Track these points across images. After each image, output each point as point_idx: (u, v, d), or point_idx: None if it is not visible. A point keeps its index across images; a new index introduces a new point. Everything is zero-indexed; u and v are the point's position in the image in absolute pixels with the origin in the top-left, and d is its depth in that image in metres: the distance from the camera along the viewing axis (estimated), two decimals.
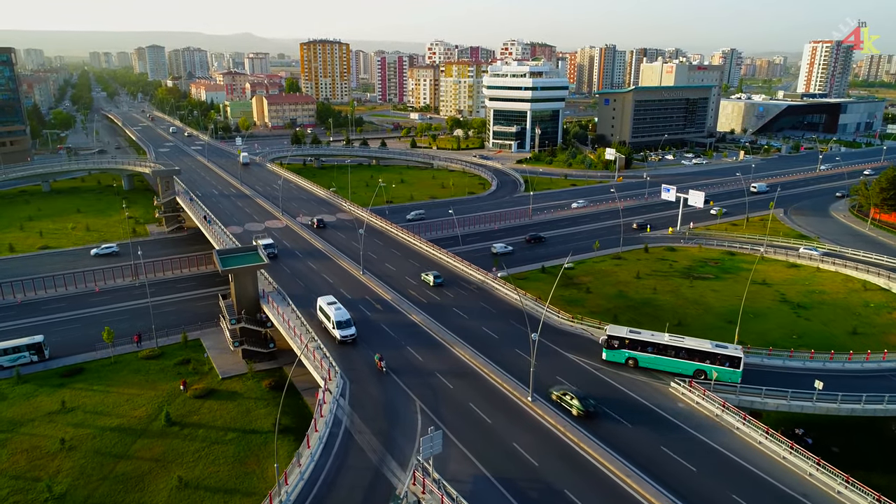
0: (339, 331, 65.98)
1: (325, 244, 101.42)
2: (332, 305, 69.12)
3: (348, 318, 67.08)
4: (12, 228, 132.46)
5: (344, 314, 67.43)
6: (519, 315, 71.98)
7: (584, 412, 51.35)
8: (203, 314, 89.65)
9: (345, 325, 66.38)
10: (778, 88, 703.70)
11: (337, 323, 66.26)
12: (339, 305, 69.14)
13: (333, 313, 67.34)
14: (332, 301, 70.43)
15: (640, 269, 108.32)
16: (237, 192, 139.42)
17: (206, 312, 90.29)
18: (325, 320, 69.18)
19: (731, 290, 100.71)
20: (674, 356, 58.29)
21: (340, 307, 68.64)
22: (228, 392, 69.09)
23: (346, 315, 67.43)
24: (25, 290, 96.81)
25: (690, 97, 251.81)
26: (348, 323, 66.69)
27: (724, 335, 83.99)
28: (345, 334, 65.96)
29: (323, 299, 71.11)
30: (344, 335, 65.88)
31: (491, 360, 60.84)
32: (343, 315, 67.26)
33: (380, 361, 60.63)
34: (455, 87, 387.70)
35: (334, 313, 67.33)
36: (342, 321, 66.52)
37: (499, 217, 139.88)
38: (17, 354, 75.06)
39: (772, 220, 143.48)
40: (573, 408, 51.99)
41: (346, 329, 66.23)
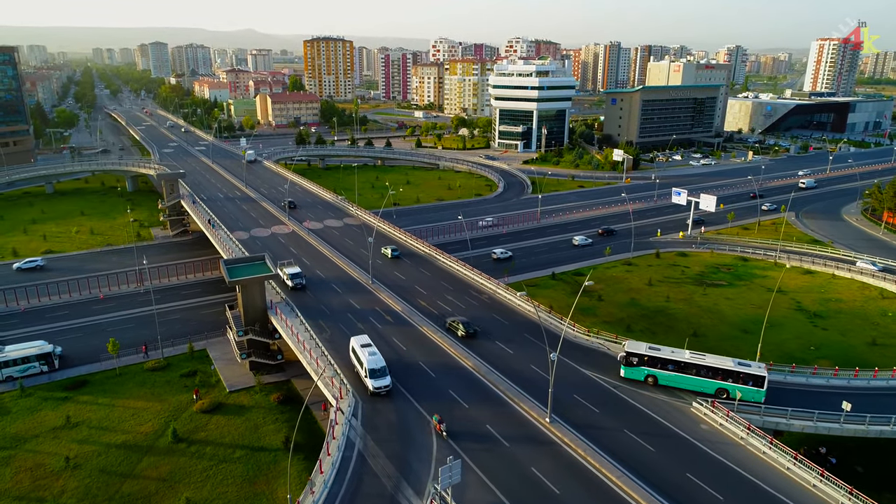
0: (372, 380, 56.66)
1: (330, 248, 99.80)
2: (366, 349, 59.75)
3: (383, 365, 57.55)
4: (16, 232, 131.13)
5: (378, 360, 57.85)
6: (532, 327, 70.38)
7: (466, 333, 67.10)
8: (209, 323, 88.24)
9: (379, 374, 57.00)
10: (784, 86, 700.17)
11: (370, 371, 56.99)
12: (373, 349, 59.81)
13: (366, 359, 58.08)
14: (367, 343, 61.31)
15: (652, 276, 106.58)
16: (242, 195, 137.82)
17: (212, 321, 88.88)
18: (356, 364, 60.48)
19: (745, 297, 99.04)
20: (695, 374, 56.59)
21: (375, 352, 59.24)
22: (236, 406, 67.63)
23: (381, 362, 57.81)
24: (29, 297, 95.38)
25: (698, 97, 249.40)
26: (383, 372, 57.21)
27: (741, 345, 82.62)
28: (378, 385, 56.53)
29: (357, 340, 62.05)
30: (377, 386, 56.50)
31: (506, 377, 59.18)
32: (377, 362, 57.70)
33: (439, 424, 51.29)
34: (459, 85, 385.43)
35: (367, 359, 58.04)
36: (376, 369, 57.06)
37: (507, 220, 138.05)
38: (27, 365, 73.73)
39: (783, 223, 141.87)
40: (458, 330, 67.90)
41: (379, 378, 56.83)
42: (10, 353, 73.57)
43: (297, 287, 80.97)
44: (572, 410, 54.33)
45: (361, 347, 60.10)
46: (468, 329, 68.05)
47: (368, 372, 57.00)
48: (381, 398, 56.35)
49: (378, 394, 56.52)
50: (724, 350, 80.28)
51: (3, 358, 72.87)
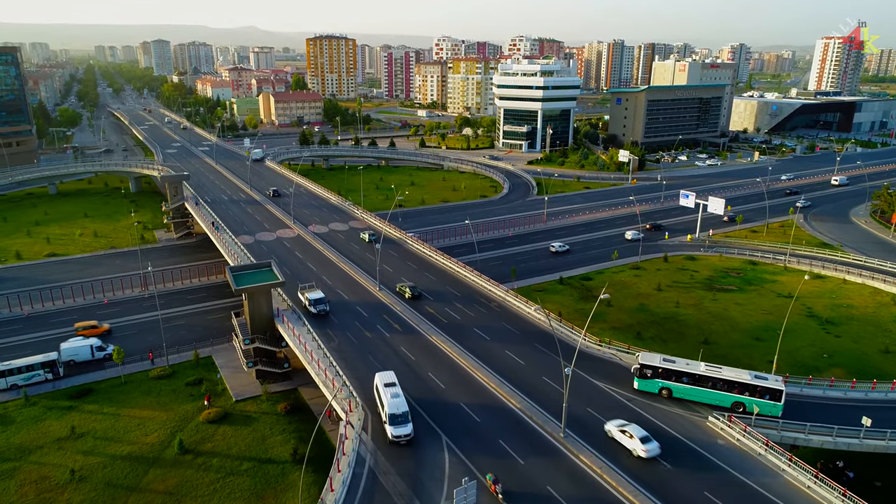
0: (392, 427, 50.75)
1: (336, 253, 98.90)
2: (389, 389, 53.86)
3: (405, 410, 51.48)
4: (19, 234, 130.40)
5: (400, 404, 51.86)
6: (543, 336, 69.39)
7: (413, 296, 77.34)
8: (214, 329, 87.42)
9: (400, 421, 50.84)
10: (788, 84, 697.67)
11: (390, 416, 51.15)
12: (397, 390, 53.81)
13: (388, 401, 52.17)
14: (391, 382, 55.02)
15: (661, 281, 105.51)
16: (247, 197, 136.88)
17: (217, 327, 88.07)
18: (378, 403, 55.02)
19: (755, 303, 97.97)
20: (710, 387, 55.56)
21: (399, 393, 53.27)
22: (243, 416, 66.76)
23: (404, 405, 51.82)
24: (33, 302, 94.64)
25: (704, 96, 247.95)
26: (405, 418, 51.04)
27: (753, 354, 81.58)
28: (398, 433, 50.40)
29: (381, 378, 55.93)
30: (397, 434, 50.39)
31: (518, 389, 58.19)
32: (399, 405, 51.66)
33: (494, 485, 45.02)
34: (463, 83, 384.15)
35: (388, 401, 52.11)
36: (397, 414, 51.07)
37: (513, 222, 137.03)
38: (32, 373, 72.96)
39: (790, 225, 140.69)
40: (406, 293, 78.65)
41: (400, 426, 50.67)
42: (14, 361, 72.87)
43: (321, 314, 74.17)
44: (586, 424, 53.34)
45: (385, 387, 54.23)
46: (414, 292, 79.50)
47: (388, 417, 51.33)
48: None
49: (397, 443, 50.60)
50: (736, 358, 79.39)
51: (8, 366, 72.14)
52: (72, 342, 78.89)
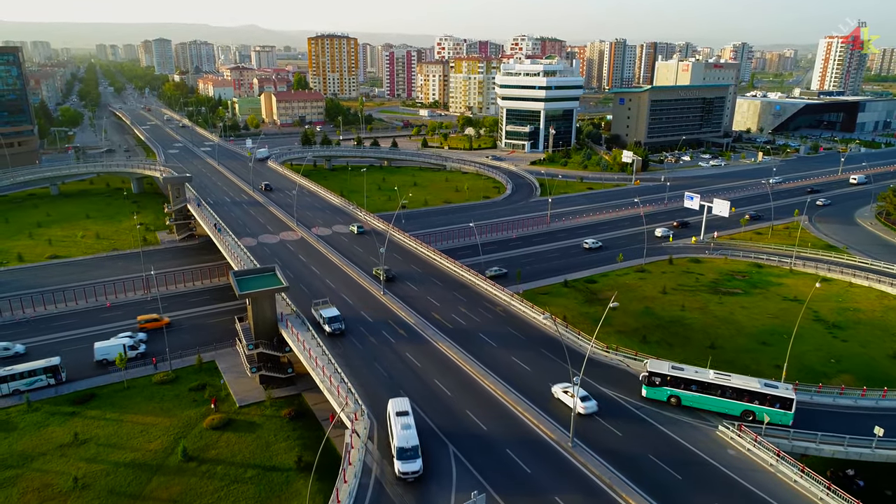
0: (400, 462, 47.26)
1: (340, 257, 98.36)
2: (401, 418, 50.71)
3: (416, 444, 48.02)
4: (21, 236, 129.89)
5: (411, 437, 48.46)
6: (549, 342, 68.81)
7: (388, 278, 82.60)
8: (217, 332, 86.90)
9: (408, 456, 47.31)
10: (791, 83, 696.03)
11: (399, 450, 47.81)
12: (409, 420, 50.44)
13: (397, 433, 49.14)
14: (404, 411, 51.84)
15: (666, 284, 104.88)
16: (249, 198, 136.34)
17: (220, 330, 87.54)
18: (388, 433, 51.89)
19: (761, 307, 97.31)
20: (720, 395, 54.96)
21: (410, 424, 49.92)
22: (247, 422, 66.22)
23: (414, 438, 48.43)
24: (35, 305, 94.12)
25: (707, 96, 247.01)
26: (415, 452, 47.56)
27: (760, 358, 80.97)
28: (405, 470, 47.03)
29: (394, 405, 52.84)
30: (404, 471, 47.05)
31: (525, 397, 57.61)
32: (409, 439, 48.25)
33: None
34: (465, 83, 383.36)
35: (398, 433, 49.07)
36: (406, 448, 47.62)
37: (516, 224, 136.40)
38: (34, 378, 72.54)
39: (796, 227, 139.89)
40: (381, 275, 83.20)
41: (408, 462, 47.16)
42: (16, 367, 72.41)
43: (336, 332, 70.19)
44: (594, 434, 52.78)
45: (397, 416, 51.23)
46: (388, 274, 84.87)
47: (396, 451, 47.93)
48: None
49: (404, 479, 47.18)
50: (742, 364, 78.80)
51: (10, 371, 71.73)
52: (106, 341, 79.99)
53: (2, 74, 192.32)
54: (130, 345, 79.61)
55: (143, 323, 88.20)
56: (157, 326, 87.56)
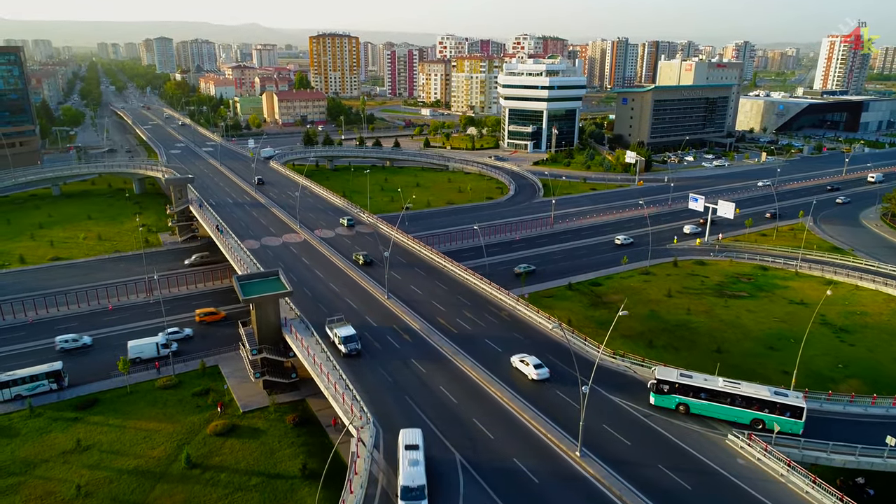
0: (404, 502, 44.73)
1: (343, 259, 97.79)
2: (409, 452, 47.90)
3: (422, 484, 45.10)
4: (23, 237, 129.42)
5: (417, 475, 45.57)
6: (555, 348, 68.24)
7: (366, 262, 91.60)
8: (220, 337, 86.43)
9: (413, 497, 44.52)
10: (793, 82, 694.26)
11: (403, 490, 44.94)
12: (417, 456, 47.55)
13: (403, 470, 46.38)
14: (414, 444, 48.83)
15: (671, 286, 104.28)
16: (252, 200, 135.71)
17: (223, 335, 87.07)
18: (398, 466, 47.98)
19: (767, 310, 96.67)
20: (729, 403, 54.37)
21: (419, 461, 47.02)
22: (251, 429, 65.71)
23: (421, 478, 45.43)
24: (37, 308, 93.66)
25: (710, 96, 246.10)
26: (420, 493, 44.67)
27: (767, 363, 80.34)
28: None
29: (405, 436, 49.87)
30: None
31: (531, 404, 57.02)
32: (415, 477, 45.38)
33: None
34: (467, 82, 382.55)
35: (403, 470, 46.35)
36: (411, 488, 44.84)
37: (519, 226, 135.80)
38: (36, 383, 72.05)
39: (801, 229, 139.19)
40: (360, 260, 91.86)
41: (413, 501, 44.52)
42: (18, 371, 71.97)
43: (352, 353, 66.32)
44: (602, 442, 52.23)
45: (406, 449, 48.41)
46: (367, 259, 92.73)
47: (401, 490, 44.95)
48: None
49: None
50: (749, 368, 78.25)
51: (12, 376, 71.27)
52: (139, 340, 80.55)
53: (3, 74, 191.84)
54: (163, 343, 79.76)
55: (201, 316, 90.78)
56: (216, 320, 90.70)
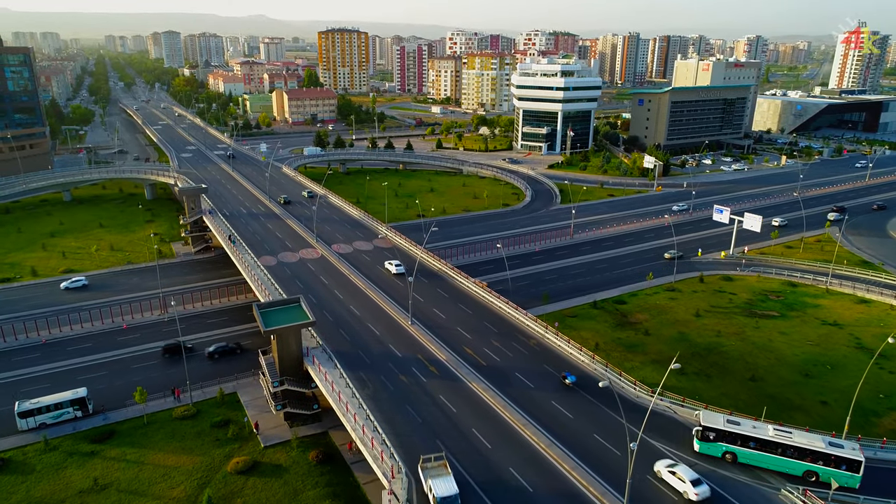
0: None
1: (363, 279, 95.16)
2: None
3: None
4: (34, 247, 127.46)
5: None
6: (590, 382, 65.39)
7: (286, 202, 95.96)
8: (238, 360, 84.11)
9: None
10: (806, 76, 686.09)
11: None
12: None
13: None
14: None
15: (699, 305, 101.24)
16: (266, 210, 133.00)
17: (241, 357, 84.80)
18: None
19: (799, 332, 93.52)
20: (780, 454, 51.52)
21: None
22: (273, 466, 63.34)
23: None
24: (50, 326, 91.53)
25: (728, 97, 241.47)
26: None
27: (804, 392, 77.22)
28: None
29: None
30: None
31: (570, 451, 54.20)
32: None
33: None
34: (477, 79, 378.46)
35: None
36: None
37: (538, 236, 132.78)
38: (61, 411, 70.35)
39: (828, 240, 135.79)
40: None
41: None
42: (43, 399, 70.28)
43: None
44: (650, 496, 49.47)
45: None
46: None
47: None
48: None
49: None
50: (786, 399, 75.35)
51: (36, 404, 69.58)
52: None
53: (13, 76, 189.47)
54: None
55: None
56: None
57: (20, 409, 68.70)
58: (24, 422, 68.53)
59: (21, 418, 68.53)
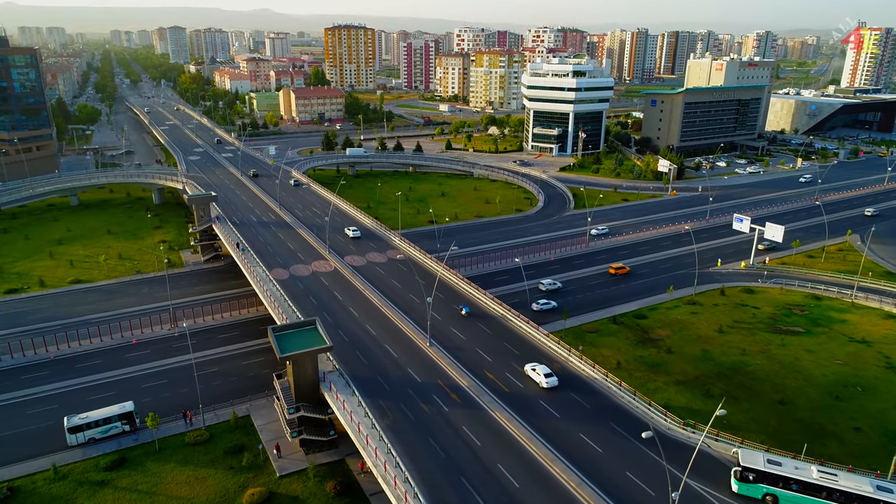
0: None
1: (378, 294, 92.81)
2: None
3: None
4: (42, 255, 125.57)
5: None
6: (619, 413, 62.90)
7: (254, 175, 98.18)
8: (250, 378, 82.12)
9: None
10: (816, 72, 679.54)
11: None
12: None
13: None
14: None
15: (721, 320, 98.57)
16: (277, 218, 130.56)
17: (253, 375, 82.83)
18: None
19: (827, 350, 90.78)
20: (825, 497, 49.07)
21: None
22: (289, 498, 61.22)
23: None
24: (58, 342, 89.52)
25: (742, 98, 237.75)
26: None
27: (836, 417, 74.48)
28: None
29: None
30: None
31: (604, 493, 51.77)
32: None
33: None
34: (486, 77, 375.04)
35: None
36: None
37: (553, 245, 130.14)
38: (109, 426, 69.64)
39: (850, 249, 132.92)
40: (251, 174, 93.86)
41: None
42: (91, 414, 69.61)
43: None
44: None
45: None
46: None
47: None
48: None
49: None
50: (818, 424, 72.77)
51: (85, 419, 68.80)
52: None
53: (20, 77, 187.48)
54: None
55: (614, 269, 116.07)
56: (623, 273, 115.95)
57: (70, 425, 68.23)
58: (73, 437, 68.11)
59: (70, 434, 68.00)
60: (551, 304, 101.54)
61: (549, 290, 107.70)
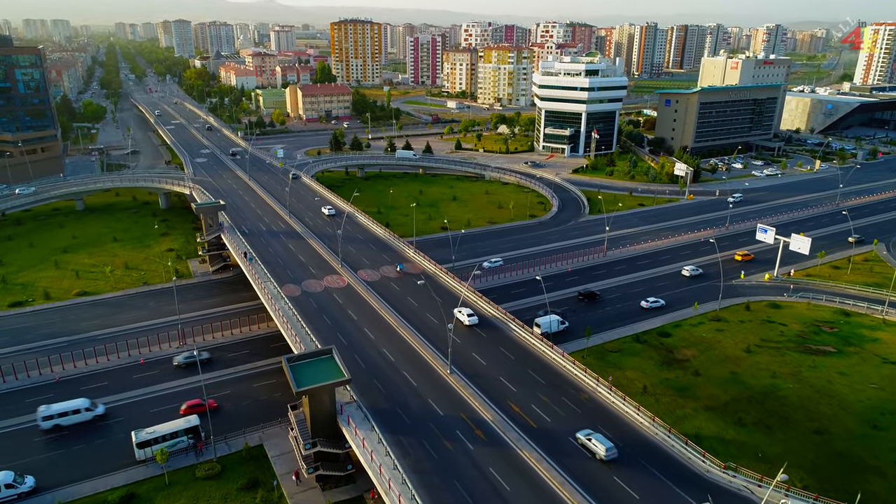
0: None
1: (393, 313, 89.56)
2: None
3: None
4: (47, 265, 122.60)
5: None
6: (652, 453, 59.53)
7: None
8: (262, 402, 79.14)
9: None
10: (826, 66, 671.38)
11: None
12: None
13: None
14: None
15: (748, 339, 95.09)
16: (286, 227, 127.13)
17: (265, 399, 79.81)
18: None
19: (861, 372, 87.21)
20: None
21: None
22: None
23: None
24: (63, 362, 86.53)
25: (758, 97, 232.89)
26: None
27: (877, 449, 71.01)
28: None
29: None
30: None
31: None
32: None
33: None
34: (494, 73, 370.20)
35: None
36: None
37: (571, 254, 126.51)
38: (176, 440, 69.19)
39: (875, 258, 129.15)
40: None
41: None
42: (158, 428, 69.05)
43: None
44: None
45: None
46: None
47: None
48: None
49: None
50: (857, 456, 69.43)
51: (153, 434, 68.07)
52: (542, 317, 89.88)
53: (24, 78, 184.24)
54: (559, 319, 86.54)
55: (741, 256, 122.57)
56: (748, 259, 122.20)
57: (138, 440, 67.94)
58: (142, 452, 67.87)
59: (139, 448, 67.71)
60: (660, 303, 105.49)
61: None
